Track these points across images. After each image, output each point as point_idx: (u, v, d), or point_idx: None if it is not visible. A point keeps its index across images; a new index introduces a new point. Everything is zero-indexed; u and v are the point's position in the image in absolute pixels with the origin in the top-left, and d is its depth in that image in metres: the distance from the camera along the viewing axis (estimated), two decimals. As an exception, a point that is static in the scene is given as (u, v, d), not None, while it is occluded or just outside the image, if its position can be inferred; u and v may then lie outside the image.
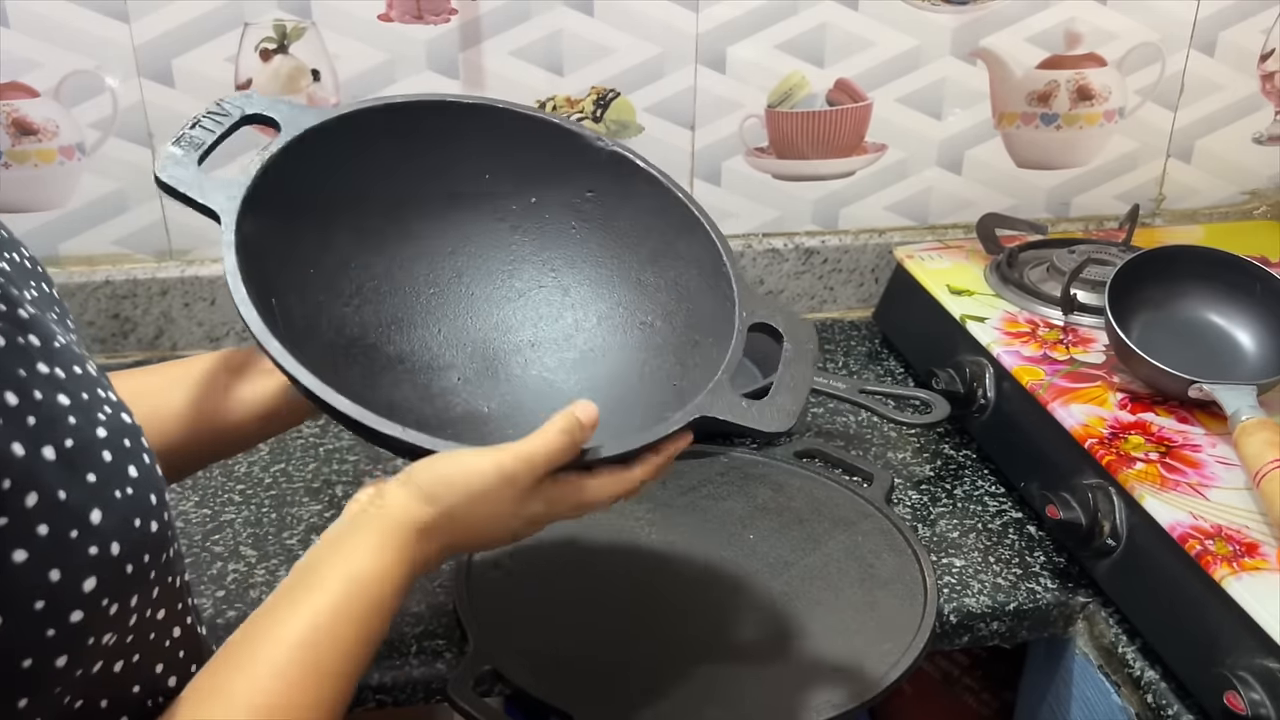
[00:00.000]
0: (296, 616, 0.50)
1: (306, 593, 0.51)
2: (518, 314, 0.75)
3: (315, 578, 0.52)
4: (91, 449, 0.41)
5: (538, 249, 0.75)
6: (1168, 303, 0.95)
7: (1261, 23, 1.23)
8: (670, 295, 0.72)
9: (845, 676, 0.72)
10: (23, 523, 0.38)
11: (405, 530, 0.55)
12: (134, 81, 1.07)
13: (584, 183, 0.75)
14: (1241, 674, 0.67)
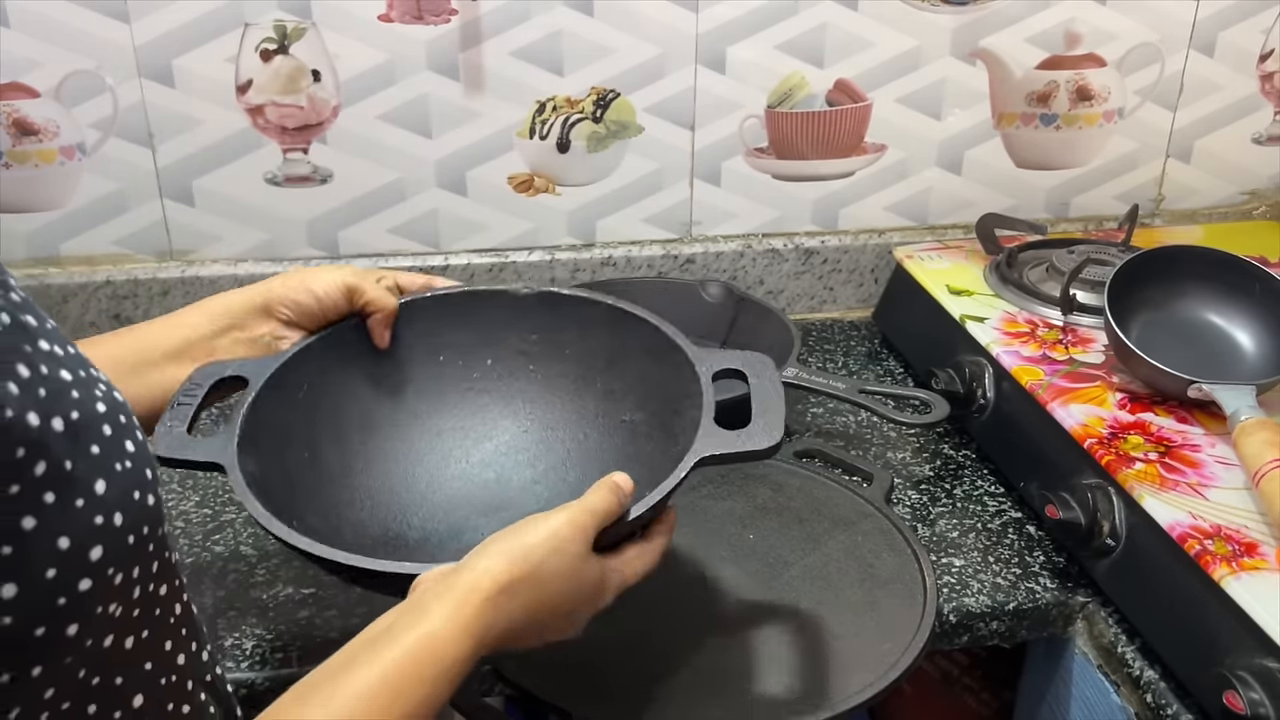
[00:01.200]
0: (367, 668, 0.50)
1: (377, 649, 0.51)
2: (514, 462, 0.81)
3: (387, 636, 0.51)
4: (94, 423, 0.43)
5: (507, 401, 0.81)
6: (1167, 303, 0.95)
7: (1261, 23, 1.23)
8: (637, 388, 0.78)
9: (845, 676, 0.72)
10: (33, 491, 0.39)
11: (482, 591, 0.54)
12: (134, 82, 1.07)
13: (525, 329, 0.81)
14: (1241, 673, 0.67)
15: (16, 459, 0.38)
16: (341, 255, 1.17)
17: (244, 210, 1.14)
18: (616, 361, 0.79)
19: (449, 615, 0.52)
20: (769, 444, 0.64)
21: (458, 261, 1.18)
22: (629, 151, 1.18)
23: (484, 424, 0.81)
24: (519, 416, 0.81)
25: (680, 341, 0.74)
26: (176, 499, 0.92)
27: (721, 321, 1.15)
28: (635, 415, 0.78)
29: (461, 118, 1.13)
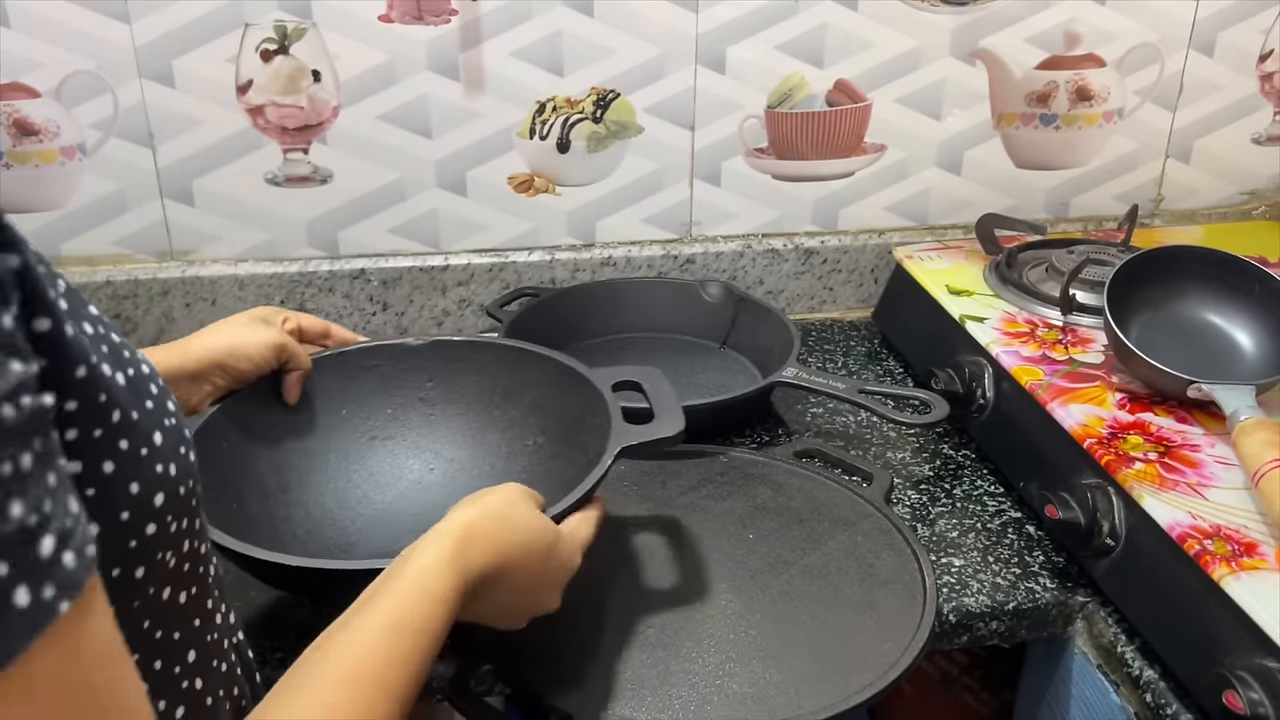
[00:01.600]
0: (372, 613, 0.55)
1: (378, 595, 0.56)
2: (428, 500, 0.86)
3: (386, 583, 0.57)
4: (144, 381, 0.45)
5: (412, 445, 0.89)
6: (1166, 303, 0.95)
7: (1260, 23, 1.23)
8: (538, 414, 0.86)
9: (844, 676, 0.72)
10: (111, 436, 0.41)
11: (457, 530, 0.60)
12: (135, 82, 1.07)
13: (421, 378, 0.89)
14: (1240, 673, 0.67)
15: (100, 404, 0.40)
16: (341, 255, 1.17)
17: (244, 210, 1.14)
18: (512, 394, 0.88)
19: (434, 553, 0.58)
20: (675, 430, 0.75)
21: (458, 261, 1.18)
22: (629, 151, 1.18)
23: (392, 468, 0.88)
24: (424, 456, 0.88)
25: (572, 364, 0.84)
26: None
27: (721, 321, 1.15)
28: (538, 438, 0.86)
29: (462, 118, 1.14)
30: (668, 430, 0.75)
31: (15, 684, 0.30)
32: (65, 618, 0.31)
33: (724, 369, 1.12)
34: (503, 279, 1.20)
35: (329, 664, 0.51)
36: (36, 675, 0.30)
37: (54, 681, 0.31)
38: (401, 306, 1.19)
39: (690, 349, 1.16)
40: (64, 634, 0.31)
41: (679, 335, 1.17)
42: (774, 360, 1.05)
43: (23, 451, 0.30)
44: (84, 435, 0.39)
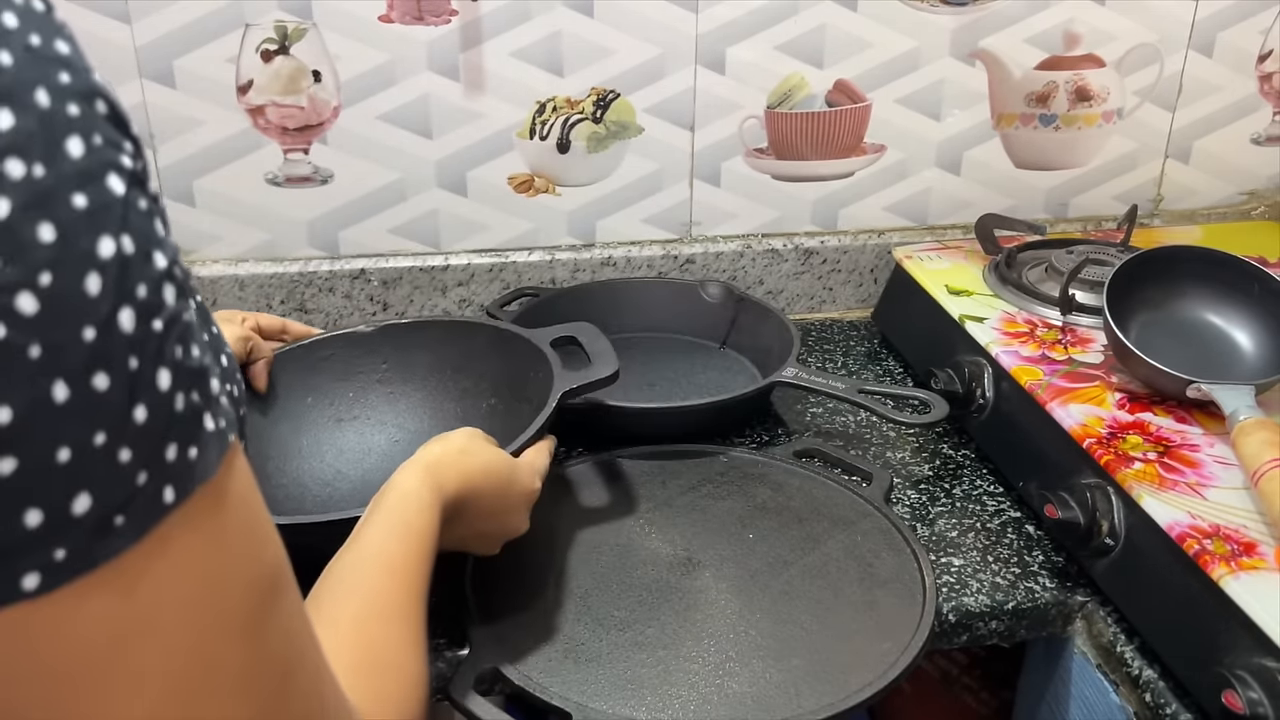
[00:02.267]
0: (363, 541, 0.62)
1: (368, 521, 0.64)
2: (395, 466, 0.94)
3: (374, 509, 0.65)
4: (205, 310, 0.47)
5: (377, 422, 0.95)
6: (1166, 303, 0.95)
7: (1260, 23, 1.23)
8: (488, 379, 0.94)
9: (844, 675, 0.72)
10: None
11: (426, 458, 0.69)
12: (135, 83, 1.07)
13: (376, 361, 0.96)
14: (1240, 673, 0.67)
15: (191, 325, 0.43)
16: (342, 255, 1.17)
17: (245, 210, 1.14)
18: (464, 365, 0.95)
19: (411, 476, 0.67)
20: (609, 371, 0.85)
21: (458, 262, 1.18)
22: (629, 152, 1.18)
23: (359, 445, 0.94)
24: (389, 430, 0.95)
25: (512, 328, 0.92)
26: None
27: (721, 321, 1.16)
28: (491, 400, 0.93)
29: (462, 118, 1.14)
30: (603, 372, 0.85)
31: (213, 497, 0.35)
32: (233, 446, 0.36)
33: (724, 369, 1.12)
34: (503, 279, 1.20)
35: (347, 572, 0.59)
36: (228, 490, 0.36)
37: (235, 496, 0.36)
38: (402, 306, 1.19)
39: (690, 349, 1.16)
40: (235, 460, 0.37)
41: (679, 335, 1.17)
42: (774, 360, 1.05)
43: (189, 307, 0.35)
44: None
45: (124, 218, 0.32)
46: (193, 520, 0.34)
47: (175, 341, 0.33)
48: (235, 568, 0.36)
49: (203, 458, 0.34)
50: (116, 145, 0.33)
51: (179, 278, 0.34)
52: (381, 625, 0.57)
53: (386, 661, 0.55)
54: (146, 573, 0.33)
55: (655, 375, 1.11)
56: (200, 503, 0.34)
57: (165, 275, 0.33)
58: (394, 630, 0.57)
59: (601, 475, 0.93)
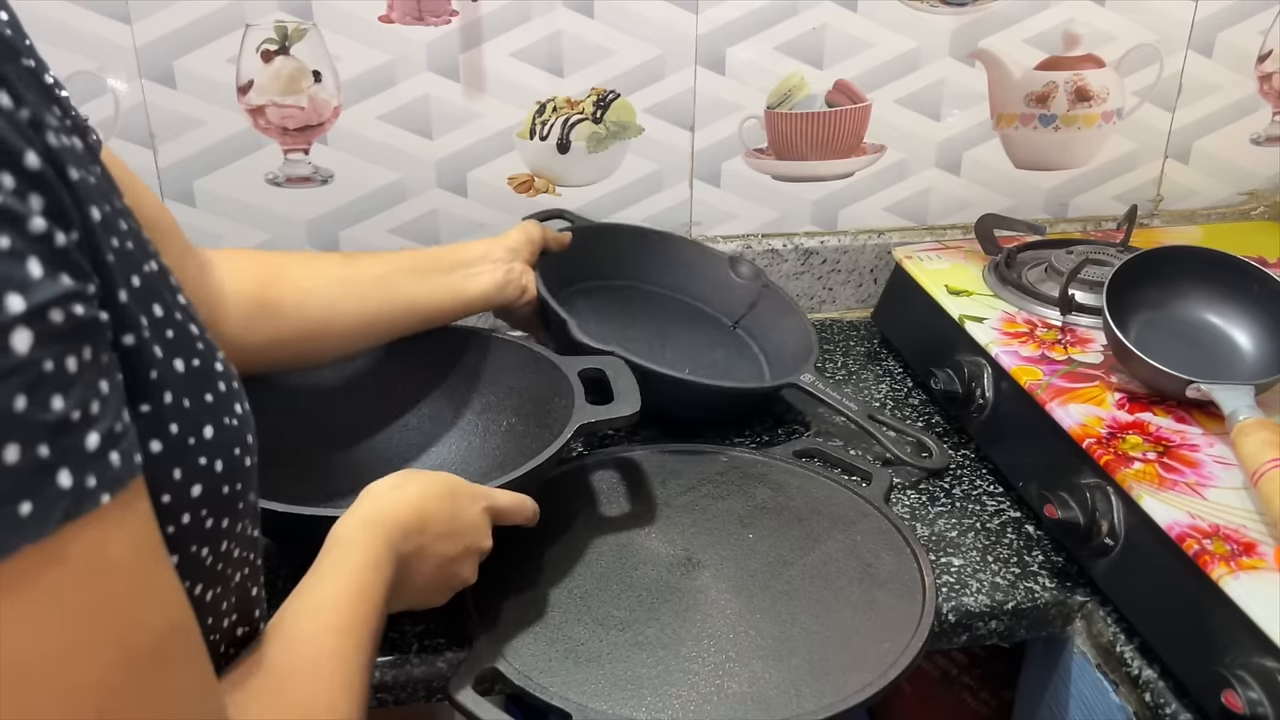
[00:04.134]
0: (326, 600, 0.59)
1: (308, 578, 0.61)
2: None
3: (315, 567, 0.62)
4: (210, 376, 0.46)
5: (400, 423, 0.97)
6: (1165, 303, 0.95)
7: (1259, 24, 1.23)
8: (511, 398, 0.94)
9: (844, 675, 0.72)
10: (161, 417, 0.42)
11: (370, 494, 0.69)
12: (136, 83, 1.07)
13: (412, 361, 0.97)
14: (1239, 673, 0.67)
15: (150, 380, 0.41)
16: (342, 256, 1.17)
17: (245, 210, 1.14)
18: (493, 379, 0.96)
19: (342, 523, 0.65)
20: (631, 410, 0.85)
21: (458, 262, 1.19)
22: (629, 152, 1.18)
23: (375, 445, 0.95)
24: (407, 432, 0.96)
25: (543, 351, 0.93)
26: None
27: (741, 302, 1.15)
28: (512, 419, 0.93)
29: (462, 118, 1.14)
30: (624, 410, 0.85)
31: (47, 556, 0.32)
32: (105, 509, 0.34)
33: (732, 351, 1.11)
34: (503, 279, 1.20)
35: (287, 622, 0.55)
36: (70, 553, 0.33)
37: (85, 564, 0.33)
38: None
39: (700, 320, 1.14)
40: (101, 524, 0.34)
41: (694, 302, 1.15)
42: (786, 358, 1.05)
43: (67, 355, 0.33)
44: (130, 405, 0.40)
45: None
46: (20, 579, 0.32)
47: (14, 391, 0.31)
48: (86, 642, 0.34)
49: (39, 516, 0.32)
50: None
51: (52, 324, 0.32)
52: (309, 682, 0.53)
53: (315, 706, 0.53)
54: None
55: (665, 338, 1.09)
56: (33, 562, 0.32)
57: (18, 320, 0.31)
58: (321, 686, 0.54)
59: (601, 475, 0.93)
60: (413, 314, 0.91)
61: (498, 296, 0.95)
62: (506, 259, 0.96)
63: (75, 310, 0.33)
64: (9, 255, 0.32)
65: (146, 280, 0.42)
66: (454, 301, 0.93)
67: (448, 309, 0.93)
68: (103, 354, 0.35)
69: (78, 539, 0.33)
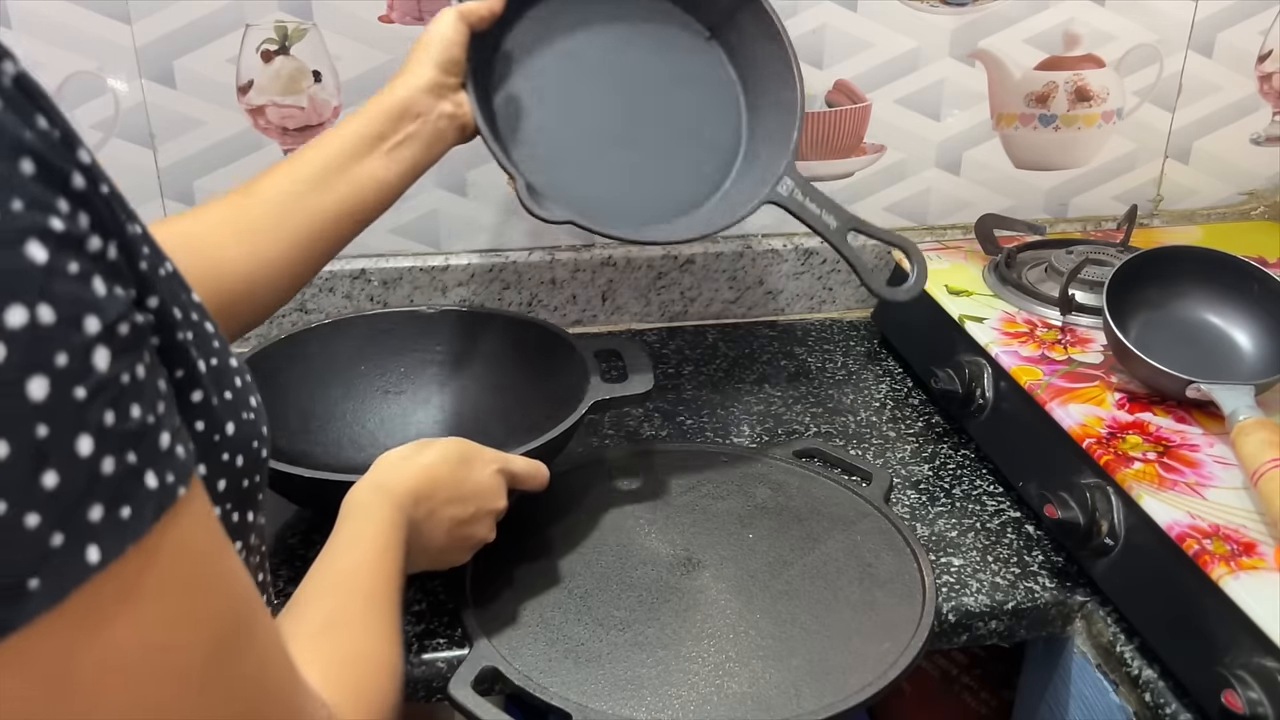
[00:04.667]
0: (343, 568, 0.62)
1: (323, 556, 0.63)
2: None
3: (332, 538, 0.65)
4: (228, 373, 0.47)
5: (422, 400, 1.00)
6: (1165, 303, 0.95)
7: (1259, 24, 1.23)
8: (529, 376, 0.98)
9: (844, 675, 0.72)
10: (189, 414, 0.43)
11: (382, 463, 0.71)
12: (136, 83, 1.07)
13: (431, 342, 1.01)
14: (1239, 673, 0.67)
15: (179, 379, 0.42)
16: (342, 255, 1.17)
17: (244, 211, 1.14)
18: (510, 359, 0.98)
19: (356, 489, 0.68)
20: (644, 389, 0.88)
21: (458, 262, 1.18)
22: (629, 152, 1.18)
23: (401, 419, 0.99)
24: (430, 410, 0.99)
25: (564, 334, 0.95)
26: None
27: (716, 8, 0.93)
28: (527, 397, 0.95)
29: (462, 118, 1.13)
30: (637, 389, 0.88)
31: (146, 553, 0.34)
32: (182, 501, 0.36)
33: (704, 91, 0.93)
34: (503, 279, 1.20)
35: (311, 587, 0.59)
36: (164, 546, 0.35)
37: (176, 553, 0.36)
38: (402, 306, 1.19)
39: (672, 40, 0.93)
40: (182, 515, 0.36)
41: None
42: (765, 120, 0.93)
43: (136, 364, 0.34)
44: None
45: (43, 286, 0.31)
46: (128, 578, 0.34)
47: (104, 407, 0.33)
48: (182, 622, 0.36)
49: (137, 516, 0.34)
50: (44, 206, 0.32)
51: (121, 337, 0.34)
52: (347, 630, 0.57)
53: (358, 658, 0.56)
54: (80, 633, 0.33)
55: (632, 104, 0.92)
56: (136, 560, 0.34)
57: (97, 340, 0.33)
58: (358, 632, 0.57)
59: (601, 475, 0.93)
60: (336, 232, 0.80)
61: (429, 159, 0.82)
62: (432, 99, 0.80)
63: (135, 320, 0.35)
64: (79, 278, 0.32)
65: (167, 283, 0.43)
66: (379, 194, 0.81)
67: (373, 204, 0.81)
68: (153, 356, 0.37)
69: (167, 532, 0.35)
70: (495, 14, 0.82)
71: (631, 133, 0.92)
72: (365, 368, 0.99)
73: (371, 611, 0.59)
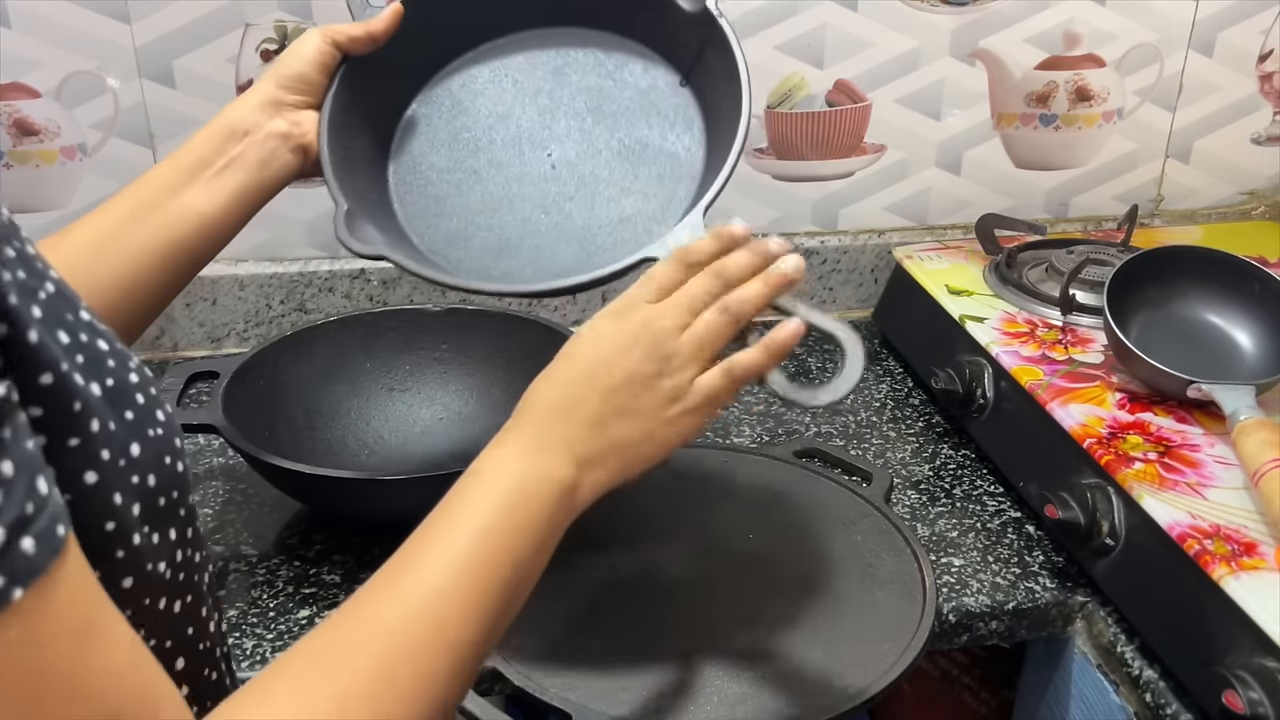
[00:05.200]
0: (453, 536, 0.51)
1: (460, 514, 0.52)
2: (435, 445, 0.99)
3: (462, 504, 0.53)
4: (127, 390, 0.44)
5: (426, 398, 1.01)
6: (1166, 303, 0.95)
7: (1260, 23, 1.23)
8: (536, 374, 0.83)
9: (844, 676, 0.72)
10: (91, 446, 0.40)
11: (524, 411, 0.57)
12: (135, 82, 1.07)
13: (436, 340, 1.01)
14: (1240, 673, 0.67)
15: (75, 412, 0.39)
16: (341, 255, 1.17)
17: (244, 210, 1.14)
18: (516, 358, 0.97)
19: (512, 452, 0.54)
20: None
21: (458, 262, 1.18)
22: (629, 152, 1.18)
23: (406, 416, 0.99)
24: (435, 408, 1.00)
25: (565, 333, 0.93)
26: (177, 499, 0.92)
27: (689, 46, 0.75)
28: None
29: (462, 118, 1.13)
30: None
31: None
32: (20, 603, 0.32)
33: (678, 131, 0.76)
34: (503, 279, 1.20)
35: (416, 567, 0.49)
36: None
37: (11, 663, 0.32)
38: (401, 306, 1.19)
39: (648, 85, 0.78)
40: (20, 618, 0.32)
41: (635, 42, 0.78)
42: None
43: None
44: (57, 443, 0.39)
45: None
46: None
47: None
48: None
49: None
50: None
51: None
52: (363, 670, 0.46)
53: None
54: None
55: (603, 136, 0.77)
56: None
57: None
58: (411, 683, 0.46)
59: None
60: (161, 272, 0.69)
61: (260, 186, 0.72)
62: (262, 116, 0.70)
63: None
64: None
65: (48, 306, 0.40)
66: (201, 228, 0.69)
67: (196, 239, 0.69)
68: (5, 429, 0.33)
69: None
70: (375, 38, 0.72)
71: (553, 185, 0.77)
72: (370, 365, 1.00)
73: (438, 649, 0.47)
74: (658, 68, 0.77)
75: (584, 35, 0.79)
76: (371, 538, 0.86)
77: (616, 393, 0.56)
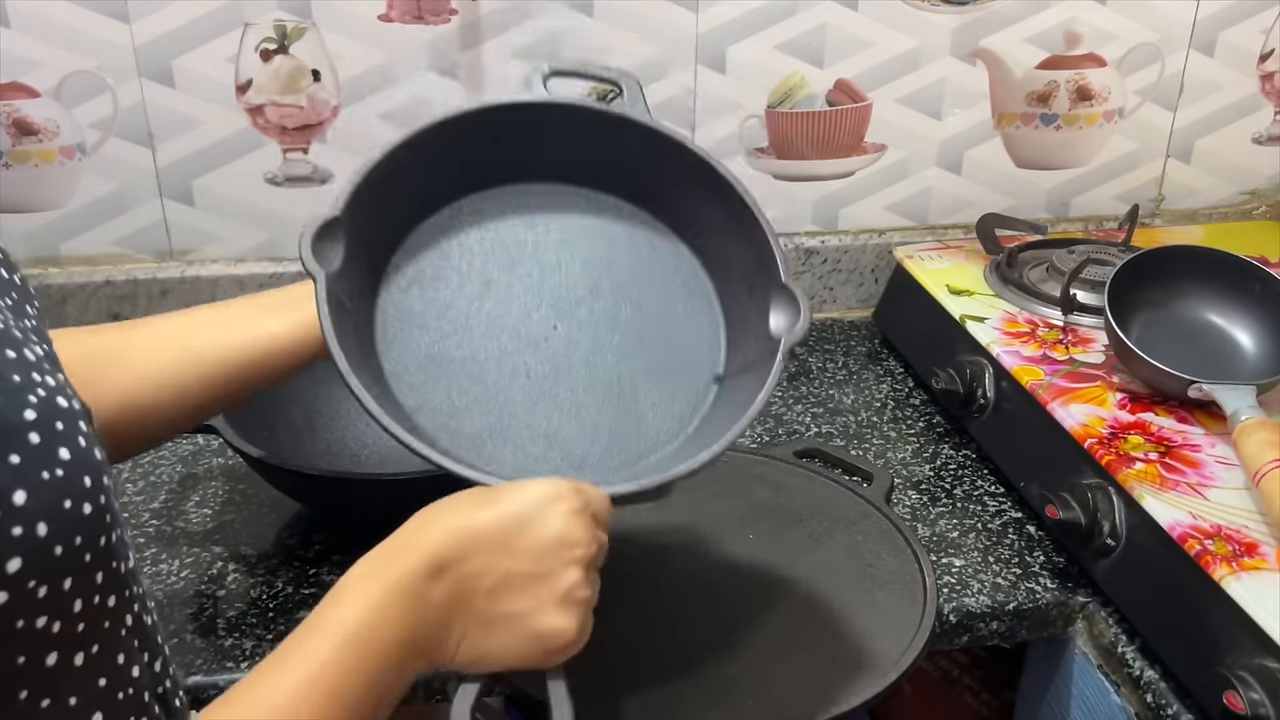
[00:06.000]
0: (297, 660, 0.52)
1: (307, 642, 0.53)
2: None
3: (316, 628, 0.54)
4: (16, 433, 0.41)
5: None
6: (1167, 303, 0.95)
7: (1261, 23, 1.23)
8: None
9: (845, 676, 0.72)
10: None
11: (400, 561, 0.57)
12: (134, 82, 1.07)
13: None
14: (1241, 673, 0.67)
15: None
16: (341, 255, 1.17)
17: (244, 210, 1.14)
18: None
19: (372, 604, 0.55)
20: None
21: (458, 261, 1.18)
22: (629, 151, 1.18)
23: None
24: None
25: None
26: (176, 499, 0.92)
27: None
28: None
29: (461, 118, 1.13)
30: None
31: None
32: None
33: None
34: (503, 279, 1.19)
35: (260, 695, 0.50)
36: None
37: None
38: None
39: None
40: None
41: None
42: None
43: None
44: None
45: None
46: None
47: None
48: None
49: None
50: None
51: None
52: None
53: None
54: None
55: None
56: None
57: None
58: None
59: (601, 475, 0.93)
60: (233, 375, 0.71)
61: (303, 339, 0.71)
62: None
63: None
64: None
65: None
66: (253, 345, 0.71)
67: (247, 357, 0.71)
68: None
69: None
70: None
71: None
72: None
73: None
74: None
75: None
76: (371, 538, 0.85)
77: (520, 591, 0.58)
